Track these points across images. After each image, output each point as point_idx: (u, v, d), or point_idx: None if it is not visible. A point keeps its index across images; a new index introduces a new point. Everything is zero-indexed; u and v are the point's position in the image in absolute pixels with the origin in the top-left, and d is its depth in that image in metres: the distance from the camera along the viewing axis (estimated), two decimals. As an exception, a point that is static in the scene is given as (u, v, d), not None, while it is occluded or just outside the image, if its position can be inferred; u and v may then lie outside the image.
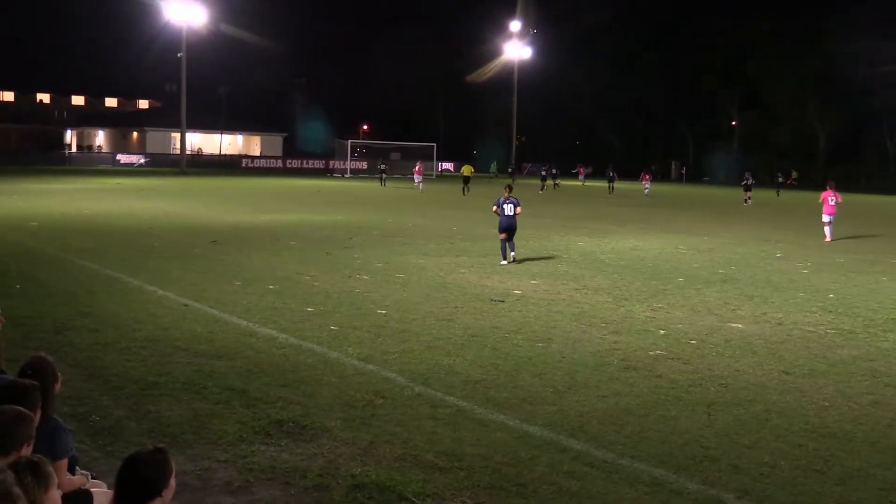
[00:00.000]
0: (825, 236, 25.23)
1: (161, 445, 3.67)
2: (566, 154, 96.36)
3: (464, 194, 46.52)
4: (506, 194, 18.52)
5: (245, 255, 18.00)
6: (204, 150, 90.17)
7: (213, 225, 24.30)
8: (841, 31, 76.97)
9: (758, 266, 18.69)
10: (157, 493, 3.55)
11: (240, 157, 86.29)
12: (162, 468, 3.57)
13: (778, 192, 55.15)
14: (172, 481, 3.61)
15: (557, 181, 60.04)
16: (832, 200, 25.57)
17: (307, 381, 8.53)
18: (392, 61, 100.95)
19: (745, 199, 44.73)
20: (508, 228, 18.12)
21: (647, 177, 55.20)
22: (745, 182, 45.98)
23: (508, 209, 18.17)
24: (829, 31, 78.42)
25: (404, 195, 46.11)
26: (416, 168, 54.52)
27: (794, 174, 78.44)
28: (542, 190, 55.42)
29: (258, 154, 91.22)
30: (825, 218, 25.54)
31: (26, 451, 3.79)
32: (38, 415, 4.26)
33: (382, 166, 61.34)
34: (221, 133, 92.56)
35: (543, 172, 60.51)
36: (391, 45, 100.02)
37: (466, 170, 52.72)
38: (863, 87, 78.59)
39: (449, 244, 21.28)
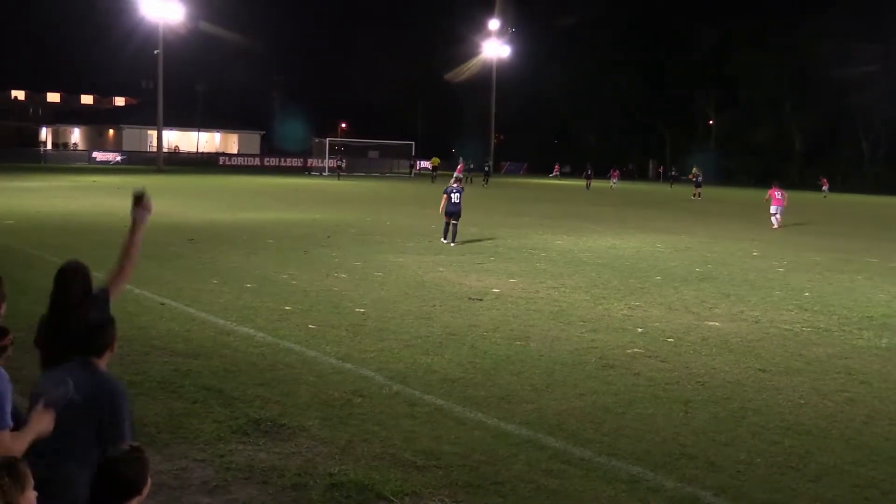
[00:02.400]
0: (772, 224, 29.39)
1: (136, 444, 3.65)
2: (543, 153, 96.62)
3: (433, 182, 53.08)
4: (453, 184, 21.44)
5: (222, 253, 17.91)
6: (181, 148, 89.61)
7: (190, 223, 24.15)
8: (816, 33, 77.74)
9: (735, 265, 18.81)
10: (138, 491, 3.54)
11: (217, 154, 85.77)
12: (140, 467, 3.56)
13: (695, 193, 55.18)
14: (149, 479, 3.61)
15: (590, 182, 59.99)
16: (778, 195, 30.07)
17: (285, 380, 8.49)
18: (371, 59, 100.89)
19: (695, 195, 47.98)
20: (452, 213, 20.85)
21: (616, 173, 63.97)
22: (694, 178, 50.58)
23: (455, 197, 20.89)
24: (805, 33, 79.12)
25: (382, 193, 46.06)
26: (458, 167, 57.78)
27: (694, 170, 78.51)
28: (587, 188, 56.97)
29: (236, 152, 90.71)
30: (773, 209, 29.96)
31: None
32: None
33: (340, 163, 64.83)
34: (199, 131, 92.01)
35: (589, 172, 61.67)
36: (370, 43, 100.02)
37: (435, 161, 66.62)
38: (838, 87, 79.30)
39: (427, 242, 21.26)
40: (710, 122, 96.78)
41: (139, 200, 4.75)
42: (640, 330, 11.46)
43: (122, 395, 4.21)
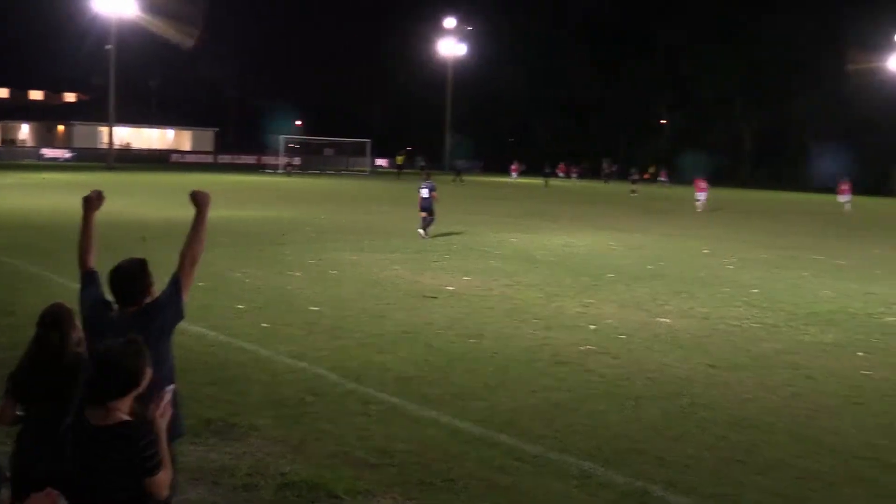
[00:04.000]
0: (696, 208, 37.39)
1: (132, 336, 3.60)
2: (499, 151, 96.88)
3: (398, 178, 57.23)
4: (425, 181, 22.94)
5: (175, 251, 17.51)
6: (133, 145, 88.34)
7: (142, 221, 23.86)
8: (768, 36, 79.02)
9: (685, 262, 19.07)
10: (137, 383, 3.51)
11: (170, 152, 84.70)
12: (139, 358, 3.53)
13: (636, 189, 55.77)
14: (148, 370, 3.58)
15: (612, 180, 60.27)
16: (702, 185, 38.69)
17: (237, 380, 8.44)
18: (327, 56, 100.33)
19: (632, 191, 51.24)
20: (424, 208, 22.34)
21: (565, 168, 70.08)
22: (631, 177, 55.48)
23: (424, 192, 22.43)
24: (757, 35, 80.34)
25: (338, 191, 45.88)
26: (513, 166, 67.65)
27: (652, 168, 79.58)
28: (632, 191, 52.68)
29: (189, 149, 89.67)
30: (698, 195, 38.38)
31: None
32: None
33: (292, 160, 65.97)
34: (151, 127, 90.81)
35: (546, 170, 64.95)
36: (326, 40, 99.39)
37: (399, 159, 70.11)
38: (786, 89, 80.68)
39: (382, 240, 21.24)
40: (663, 121, 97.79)
41: (193, 197, 4.87)
42: (592, 327, 11.58)
43: None
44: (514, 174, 73.26)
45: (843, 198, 44.12)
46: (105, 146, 72.26)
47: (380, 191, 48.09)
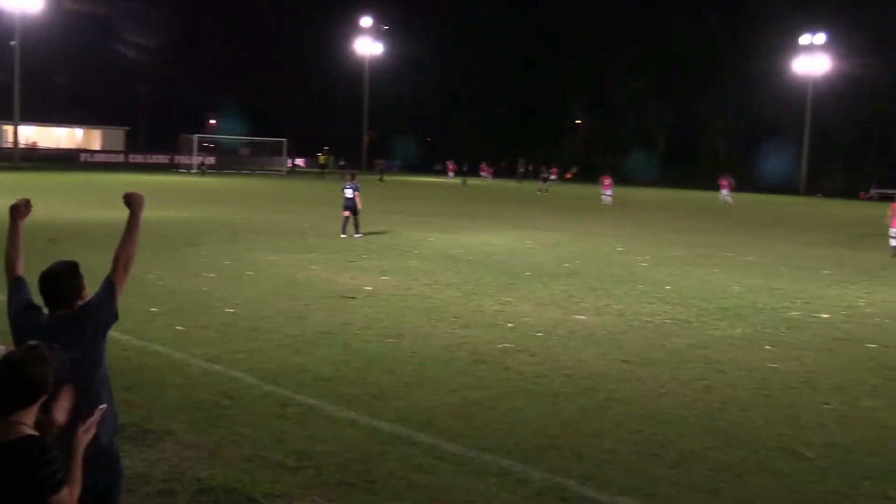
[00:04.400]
0: (603, 202, 41.77)
1: (34, 343, 3.43)
2: (418, 150, 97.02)
3: (322, 178, 59.23)
4: (349, 181, 23.18)
5: (84, 253, 17.17)
6: (39, 144, 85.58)
7: (49, 222, 23.13)
8: (681, 37, 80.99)
9: (601, 260, 19.40)
10: (41, 393, 3.31)
11: (78, 151, 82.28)
12: (41, 364, 3.32)
13: (546, 188, 56.69)
14: (57, 379, 3.40)
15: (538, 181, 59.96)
16: (607, 182, 43.39)
17: (151, 384, 8.26)
18: (242, 54, 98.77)
19: (541, 189, 53.40)
20: (347, 208, 22.55)
21: (489, 169, 70.41)
22: (542, 175, 57.90)
23: (348, 192, 22.63)
24: (670, 36, 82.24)
25: (254, 191, 45.28)
26: (551, 171, 64.54)
27: (574, 169, 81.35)
28: (539, 190, 55.07)
29: (99, 148, 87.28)
30: (604, 192, 42.74)
31: None
32: None
33: (204, 159, 65.14)
34: (59, 126, 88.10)
35: (465, 168, 66.71)
36: (241, 38, 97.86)
37: (322, 158, 72.15)
38: (698, 92, 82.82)
39: (300, 240, 21.05)
40: (578, 121, 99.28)
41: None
42: (510, 325, 11.68)
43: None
44: (451, 174, 73.19)
45: (723, 192, 48.37)
46: (10, 145, 69.88)
47: (297, 190, 47.64)
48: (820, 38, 71.44)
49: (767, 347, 10.87)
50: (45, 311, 4.28)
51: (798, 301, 14.57)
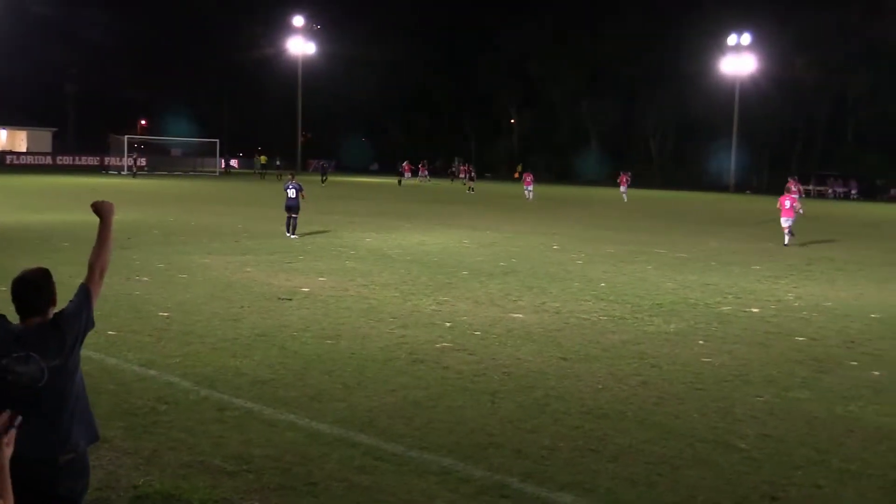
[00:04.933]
0: (526, 198, 45.57)
1: None
2: (352, 150, 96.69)
3: (262, 178, 61.93)
4: (290, 181, 23.41)
5: (10, 257, 16.76)
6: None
7: (-27, 226, 22.49)
8: (611, 36, 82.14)
9: (536, 258, 19.55)
10: None
11: (3, 153, 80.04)
12: None
13: (468, 187, 57.28)
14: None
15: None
16: (529, 179, 47.76)
17: (83, 390, 8.07)
18: (172, 53, 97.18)
19: (469, 188, 55.41)
20: (289, 208, 22.69)
21: (423, 168, 73.46)
22: (451, 171, 61.63)
23: (291, 192, 22.77)
24: (602, 36, 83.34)
25: (187, 192, 44.60)
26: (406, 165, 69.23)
27: (519, 167, 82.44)
28: (399, 184, 58.29)
29: (24, 150, 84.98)
30: (526, 187, 47.10)
31: None
32: None
33: (135, 160, 64.45)
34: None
35: (401, 168, 68.69)
36: (171, 37, 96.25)
37: (262, 159, 73.50)
38: (629, 90, 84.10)
39: (234, 242, 20.80)
40: (513, 120, 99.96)
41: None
42: (448, 324, 11.71)
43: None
44: (407, 174, 71.28)
45: (622, 188, 51.82)
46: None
47: (230, 192, 47.05)
48: (746, 38, 73.10)
49: (701, 342, 11.08)
50: (10, 321, 4.20)
51: (729, 296, 14.88)
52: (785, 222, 24.23)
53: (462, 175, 63.78)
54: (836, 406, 8.38)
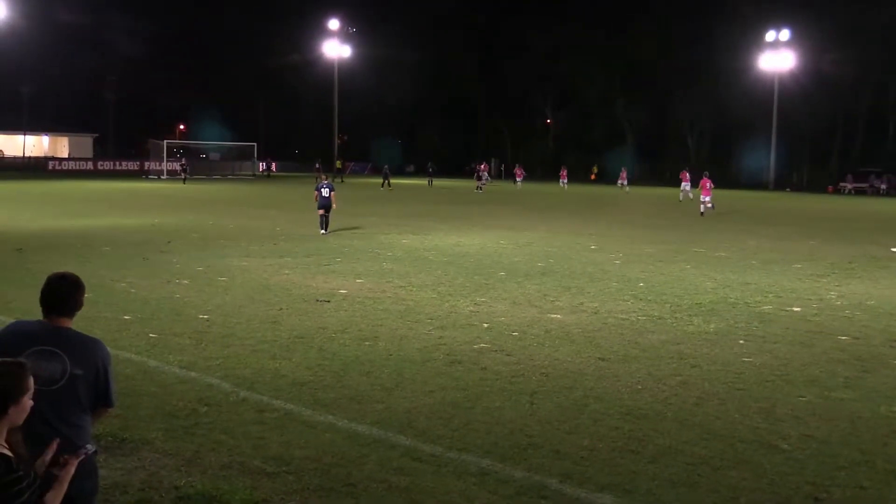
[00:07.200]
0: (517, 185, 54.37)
1: (20, 360, 3.38)
2: (386, 151, 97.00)
3: (342, 182, 59.52)
4: (323, 181, 25.02)
5: (54, 262, 17.02)
6: (5, 153, 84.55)
7: (17, 232, 22.89)
8: (645, 35, 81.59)
9: (574, 258, 19.47)
10: (14, 400, 3.25)
11: (46, 159, 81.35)
12: (16, 379, 3.26)
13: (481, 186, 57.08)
14: (26, 400, 3.32)
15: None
16: (520, 173, 58.51)
17: (126, 393, 8.16)
18: (209, 59, 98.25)
19: (478, 187, 55.67)
20: (323, 206, 23.98)
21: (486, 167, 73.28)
22: (477, 172, 59.57)
23: (325, 192, 24.14)
24: (635, 34, 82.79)
25: (225, 196, 45.02)
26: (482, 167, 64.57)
27: (596, 168, 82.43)
28: (429, 185, 58.02)
29: (66, 156, 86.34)
30: (517, 180, 57.92)
31: None
32: None
33: (183, 165, 63.61)
34: (24, 134, 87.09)
35: (431, 170, 66.01)
36: (207, 43, 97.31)
37: (338, 163, 74.90)
38: (665, 87, 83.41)
39: (272, 245, 20.95)
40: (549, 120, 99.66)
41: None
42: (485, 325, 11.69)
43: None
44: (486, 176, 62.78)
45: (621, 182, 57.71)
46: (-26, 155, 68.99)
47: (269, 195, 47.39)
48: (784, 34, 72.21)
49: (741, 342, 10.96)
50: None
51: (770, 295, 14.71)
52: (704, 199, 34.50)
53: (486, 175, 61.29)
54: (881, 406, 8.25)
